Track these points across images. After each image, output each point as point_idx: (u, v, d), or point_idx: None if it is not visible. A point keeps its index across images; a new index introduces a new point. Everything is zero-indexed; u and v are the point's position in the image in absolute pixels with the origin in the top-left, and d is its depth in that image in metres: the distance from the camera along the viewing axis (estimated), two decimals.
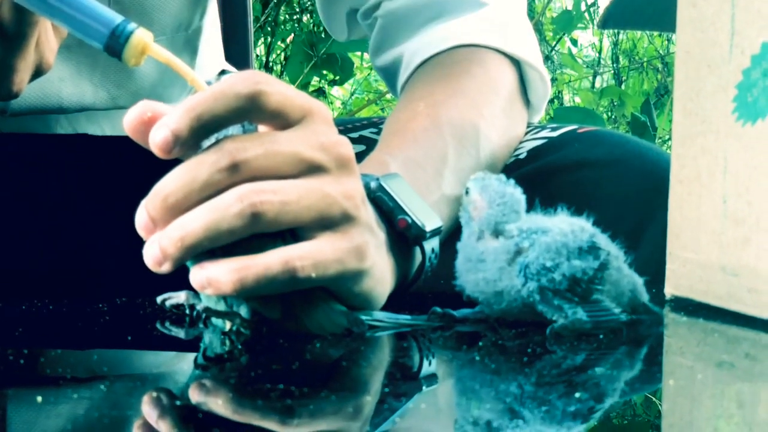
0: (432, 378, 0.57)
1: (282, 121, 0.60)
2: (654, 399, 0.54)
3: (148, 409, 0.49)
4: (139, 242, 0.59)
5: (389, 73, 0.98)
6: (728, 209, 0.68)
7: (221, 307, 0.61)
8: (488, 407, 0.50)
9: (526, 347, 0.60)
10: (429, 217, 0.70)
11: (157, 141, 0.58)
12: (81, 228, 0.89)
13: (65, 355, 0.62)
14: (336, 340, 0.62)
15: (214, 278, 0.58)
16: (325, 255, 0.60)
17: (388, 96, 3.06)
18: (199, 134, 0.58)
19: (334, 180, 0.61)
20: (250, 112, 0.59)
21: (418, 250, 0.70)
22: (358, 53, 3.04)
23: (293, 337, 0.62)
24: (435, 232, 0.70)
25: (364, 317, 0.64)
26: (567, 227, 0.63)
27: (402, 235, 0.69)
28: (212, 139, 0.59)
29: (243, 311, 0.61)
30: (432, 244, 0.70)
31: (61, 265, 0.88)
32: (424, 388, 0.54)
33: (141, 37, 0.62)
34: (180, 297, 0.67)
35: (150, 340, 0.65)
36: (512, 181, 0.65)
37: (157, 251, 0.58)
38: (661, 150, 0.90)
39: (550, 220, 0.64)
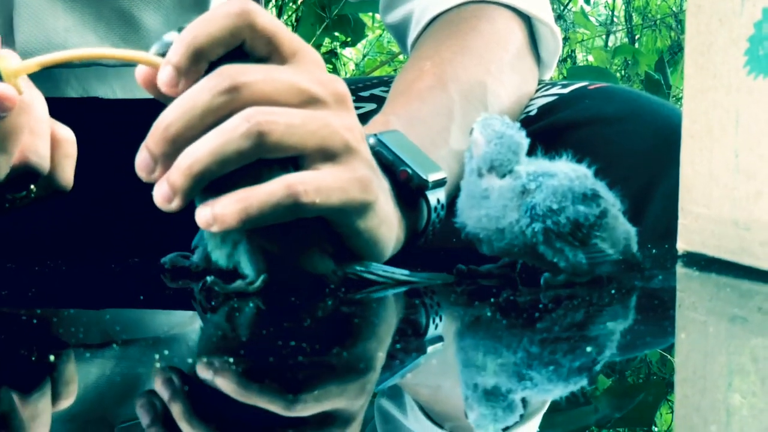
0: (444, 334, 0.57)
1: (274, 48, 0.61)
2: (666, 354, 0.54)
3: (159, 368, 0.49)
4: (150, 204, 0.59)
5: (400, 31, 0.97)
6: (740, 163, 0.68)
7: (224, 256, 0.62)
8: (500, 363, 0.50)
9: (537, 303, 0.60)
10: (431, 169, 0.70)
11: (163, 79, 0.59)
12: (93, 191, 0.89)
13: (78, 315, 0.62)
14: (347, 298, 0.62)
15: (219, 213, 0.58)
16: (328, 182, 0.60)
17: (401, 57, 3.04)
18: (198, 60, 0.59)
19: (334, 114, 0.61)
20: (242, 30, 0.59)
21: (424, 203, 0.70)
22: (370, 14, 3.02)
23: (305, 294, 0.62)
24: (439, 183, 0.70)
25: (359, 268, 0.64)
26: (572, 173, 0.63)
27: (405, 186, 0.69)
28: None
29: (247, 269, 0.61)
30: (437, 195, 0.70)
31: (73, 227, 0.88)
32: (435, 344, 0.54)
33: (4, 65, 0.60)
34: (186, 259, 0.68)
35: (162, 300, 0.65)
36: (517, 125, 0.65)
37: (166, 187, 0.58)
38: (673, 105, 0.90)
39: (554, 165, 0.64)
